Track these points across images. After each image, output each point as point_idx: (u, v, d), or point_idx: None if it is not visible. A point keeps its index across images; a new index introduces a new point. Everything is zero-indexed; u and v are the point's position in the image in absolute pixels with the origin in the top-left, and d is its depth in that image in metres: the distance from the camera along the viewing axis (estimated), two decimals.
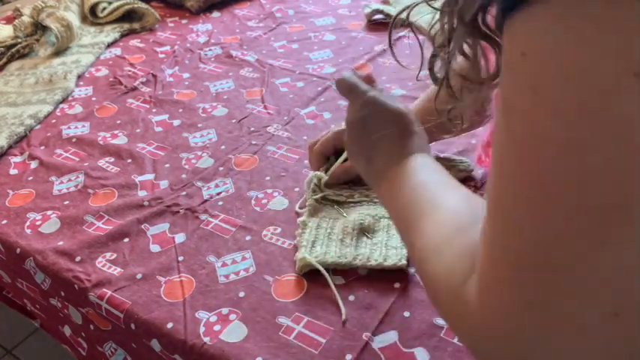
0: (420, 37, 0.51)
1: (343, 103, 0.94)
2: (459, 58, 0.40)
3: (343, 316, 0.57)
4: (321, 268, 0.61)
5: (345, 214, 0.69)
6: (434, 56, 0.47)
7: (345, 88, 0.58)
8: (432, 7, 0.42)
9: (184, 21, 1.32)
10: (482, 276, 0.31)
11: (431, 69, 0.48)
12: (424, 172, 0.50)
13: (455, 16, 0.36)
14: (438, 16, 0.40)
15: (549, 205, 0.26)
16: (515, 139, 0.27)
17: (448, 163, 0.74)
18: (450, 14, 0.38)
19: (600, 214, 0.24)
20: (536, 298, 0.27)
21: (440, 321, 0.56)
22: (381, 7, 1.23)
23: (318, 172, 0.72)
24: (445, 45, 0.40)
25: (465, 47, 0.38)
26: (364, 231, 0.65)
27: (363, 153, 0.55)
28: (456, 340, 0.54)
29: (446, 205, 0.44)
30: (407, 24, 0.51)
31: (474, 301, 0.32)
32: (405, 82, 0.98)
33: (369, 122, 0.56)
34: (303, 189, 0.75)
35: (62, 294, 0.68)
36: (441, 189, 0.47)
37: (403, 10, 0.48)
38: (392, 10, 1.21)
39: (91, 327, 0.67)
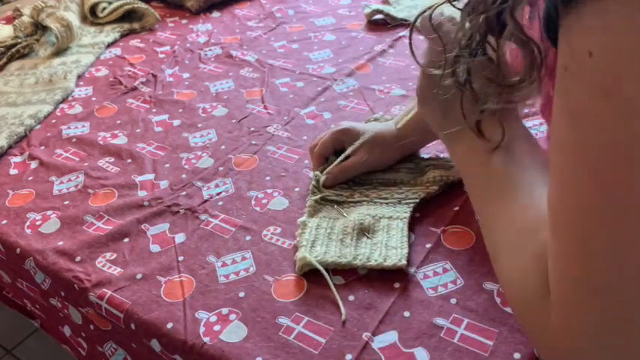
0: (420, 36, 0.51)
1: (343, 102, 0.94)
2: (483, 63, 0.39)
3: (343, 316, 0.57)
4: (321, 268, 0.61)
5: (345, 214, 0.69)
6: (457, 57, 0.43)
7: (430, 27, 0.49)
8: (456, 8, 0.41)
9: (184, 21, 1.32)
10: (555, 293, 0.30)
11: (453, 72, 0.44)
12: (512, 145, 0.45)
13: (481, 16, 0.34)
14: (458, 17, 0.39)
15: (629, 221, 0.24)
16: (579, 147, 0.24)
17: (448, 164, 0.74)
18: (475, 14, 0.36)
19: None
20: (606, 320, 0.26)
21: (440, 321, 0.56)
22: (381, 7, 1.23)
23: (317, 173, 0.73)
24: (468, 47, 0.39)
25: (489, 50, 0.36)
26: (364, 231, 0.65)
27: (439, 103, 0.49)
28: (456, 340, 0.54)
29: (528, 193, 0.40)
30: (407, 24, 0.50)
31: (555, 324, 0.31)
32: (405, 82, 0.98)
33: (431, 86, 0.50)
34: (303, 189, 0.75)
35: (62, 294, 0.68)
36: (527, 169, 0.42)
37: (425, 10, 0.46)
38: (392, 10, 1.21)
39: (91, 327, 0.67)
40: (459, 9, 0.40)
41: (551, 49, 0.31)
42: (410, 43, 0.49)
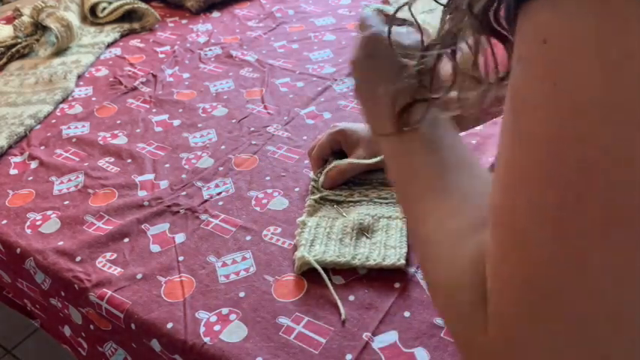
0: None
1: (343, 102, 0.94)
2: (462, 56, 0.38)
3: (343, 316, 0.57)
4: (319, 268, 0.61)
5: (344, 214, 0.69)
6: (439, 55, 0.44)
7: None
8: (437, 2, 0.40)
9: (184, 21, 1.32)
10: (501, 315, 0.28)
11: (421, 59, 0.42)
12: (440, 140, 0.43)
13: (462, 9, 0.33)
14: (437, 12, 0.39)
15: (576, 221, 0.22)
16: (527, 137, 0.23)
17: None
18: (456, 8, 0.35)
19: (634, 227, 0.21)
20: (567, 335, 0.24)
21: (440, 321, 0.56)
22: (381, 7, 1.23)
23: (317, 172, 0.73)
24: (450, 43, 0.37)
25: (470, 43, 0.35)
26: (363, 231, 0.65)
27: (373, 103, 0.50)
28: None
29: (459, 191, 0.39)
30: (403, 21, 0.50)
31: (493, 336, 0.28)
32: None
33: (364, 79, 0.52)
34: (303, 189, 0.75)
35: (62, 294, 0.68)
36: (456, 166, 0.41)
37: (402, 5, 0.46)
38: (392, 10, 1.21)
39: (91, 327, 0.67)
40: (440, 3, 0.39)
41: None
42: (389, 37, 0.49)
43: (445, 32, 0.37)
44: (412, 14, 0.46)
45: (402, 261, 0.61)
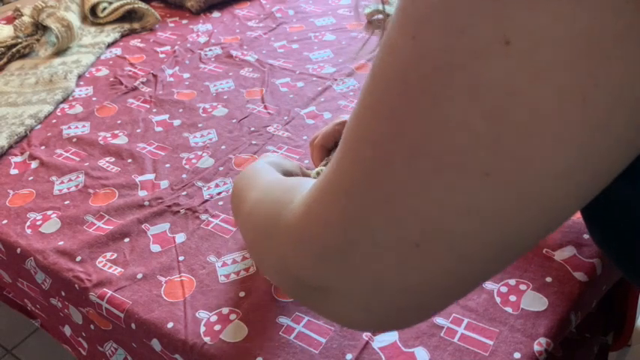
0: None
1: (343, 102, 0.95)
2: None
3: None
4: None
5: None
6: None
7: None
8: None
9: (184, 21, 1.32)
10: (311, 191, 0.32)
11: None
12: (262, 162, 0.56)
13: None
14: None
15: (390, 139, 0.26)
16: (381, 72, 0.27)
17: None
18: None
19: (437, 162, 0.25)
20: (349, 214, 0.28)
21: (440, 320, 0.56)
22: (381, 7, 1.23)
23: (318, 169, 0.72)
24: None
25: None
26: None
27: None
28: (456, 340, 0.54)
29: (274, 178, 0.47)
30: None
31: (294, 216, 0.33)
32: None
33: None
34: None
35: (62, 294, 0.68)
36: (271, 173, 0.52)
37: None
38: (392, 10, 1.21)
39: (92, 327, 0.67)
40: None
41: None
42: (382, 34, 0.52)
43: None
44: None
45: None
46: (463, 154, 0.24)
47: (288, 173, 0.60)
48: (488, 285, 0.59)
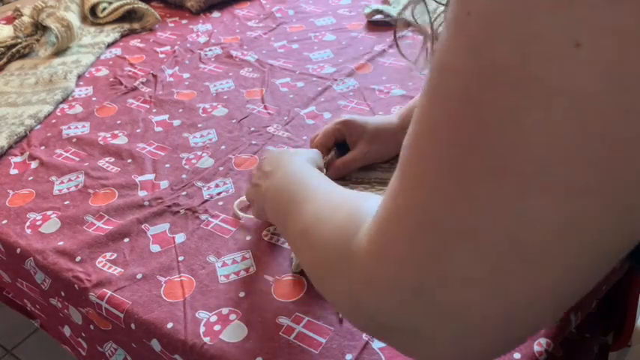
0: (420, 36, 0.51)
1: (343, 102, 0.95)
2: None
3: (340, 314, 0.57)
4: None
5: None
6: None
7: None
8: (437, 2, 0.42)
9: (184, 21, 1.32)
10: (378, 223, 0.30)
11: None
12: (307, 170, 0.54)
13: None
14: (438, 9, 0.40)
15: (465, 165, 0.25)
16: (442, 96, 0.26)
17: None
18: None
19: (521, 181, 0.24)
20: (430, 249, 0.27)
21: None
22: (381, 7, 1.23)
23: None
24: None
25: None
26: None
27: (257, 204, 0.62)
28: None
29: (330, 187, 0.45)
30: (407, 23, 0.50)
31: (364, 250, 0.31)
32: (405, 82, 0.98)
33: (255, 182, 0.62)
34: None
35: (62, 294, 0.68)
36: (326, 180, 0.51)
37: (407, 6, 0.47)
38: (392, 10, 1.21)
39: (91, 327, 0.67)
40: (440, 3, 0.41)
41: None
42: (395, 39, 0.52)
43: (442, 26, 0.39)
44: (413, 17, 0.47)
45: None
46: (550, 169, 0.23)
47: (320, 169, 0.61)
48: None
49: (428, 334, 0.29)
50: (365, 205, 0.36)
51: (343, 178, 0.73)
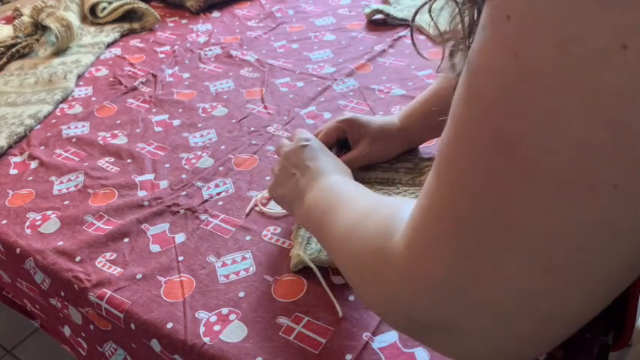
0: (421, 36, 0.51)
1: (343, 102, 0.94)
2: None
3: (340, 314, 0.57)
4: (313, 266, 0.61)
5: None
6: (454, 50, 0.47)
7: (276, 149, 0.66)
8: (456, 3, 0.42)
9: (184, 21, 1.32)
10: (413, 224, 0.31)
11: (452, 63, 0.48)
12: (344, 182, 0.55)
13: (476, 6, 0.36)
14: (445, 9, 0.40)
15: (503, 165, 0.25)
16: (480, 98, 0.26)
17: None
18: (471, 5, 0.37)
19: (559, 180, 0.24)
20: (466, 247, 0.27)
21: None
22: (381, 7, 1.23)
23: None
24: (466, 38, 0.40)
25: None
26: None
27: (288, 194, 0.61)
28: None
29: (365, 193, 0.46)
30: (407, 24, 0.51)
31: (400, 252, 0.31)
32: (405, 82, 0.98)
33: (290, 166, 0.61)
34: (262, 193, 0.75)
35: (62, 294, 0.68)
36: (362, 188, 0.51)
37: (423, 5, 0.48)
38: (392, 10, 1.21)
39: (91, 327, 0.67)
40: (455, 1, 0.41)
41: None
42: (412, 37, 0.52)
43: (461, 26, 0.39)
44: (413, 17, 0.48)
45: None
46: (588, 169, 0.23)
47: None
48: None
49: (464, 332, 0.29)
50: (402, 208, 0.36)
51: None
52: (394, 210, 0.37)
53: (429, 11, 0.47)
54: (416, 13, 0.48)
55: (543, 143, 0.24)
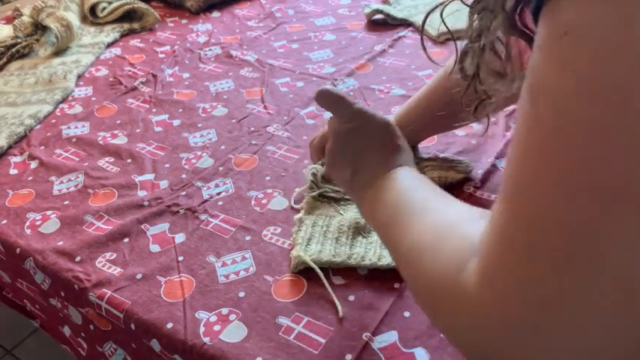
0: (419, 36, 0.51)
1: None
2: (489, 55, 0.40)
3: (340, 314, 0.57)
4: (315, 267, 0.61)
5: (341, 212, 0.69)
6: (465, 53, 0.47)
7: (330, 99, 0.56)
8: (463, 3, 0.42)
9: (184, 21, 1.32)
10: (488, 258, 0.30)
11: (461, 66, 0.48)
12: (412, 180, 0.50)
13: (491, 10, 0.36)
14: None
15: (577, 190, 0.24)
16: (544, 120, 0.26)
17: (447, 164, 0.74)
18: (483, 9, 0.37)
19: (637, 204, 0.23)
20: (546, 289, 0.26)
21: None
22: (381, 7, 1.23)
23: (315, 165, 0.72)
24: (476, 41, 0.40)
25: (498, 43, 0.38)
26: (359, 230, 0.65)
27: (348, 164, 0.55)
28: None
29: (436, 206, 0.43)
30: (407, 24, 0.51)
31: (474, 286, 0.30)
32: (405, 82, 0.98)
33: (358, 134, 0.55)
34: (303, 187, 0.74)
35: (62, 294, 0.68)
36: (431, 193, 0.46)
37: (436, 7, 0.47)
38: (392, 10, 1.21)
39: (91, 327, 0.67)
40: (467, 5, 0.41)
41: None
42: (422, 40, 0.52)
43: (473, 31, 0.39)
44: (443, 20, 0.48)
45: None
46: None
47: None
48: None
49: None
50: (472, 229, 0.34)
51: None
52: (470, 231, 0.35)
53: (441, 14, 0.47)
54: (427, 16, 0.47)
55: (611, 164, 0.23)
